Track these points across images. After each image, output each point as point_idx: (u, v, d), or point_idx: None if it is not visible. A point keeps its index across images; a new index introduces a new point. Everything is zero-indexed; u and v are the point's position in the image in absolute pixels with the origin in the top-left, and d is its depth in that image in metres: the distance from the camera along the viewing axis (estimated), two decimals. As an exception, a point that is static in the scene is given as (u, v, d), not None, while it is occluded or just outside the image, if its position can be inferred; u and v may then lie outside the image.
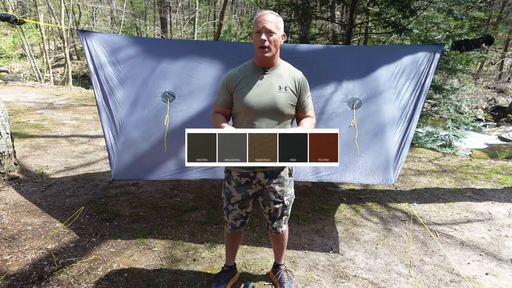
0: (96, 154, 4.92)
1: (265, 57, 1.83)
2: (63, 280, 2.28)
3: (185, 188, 3.87)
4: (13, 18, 3.07)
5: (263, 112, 1.87)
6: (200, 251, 2.69)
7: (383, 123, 2.93)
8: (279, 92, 1.88)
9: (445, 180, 4.49)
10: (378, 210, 3.55)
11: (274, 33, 1.80)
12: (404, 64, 3.04)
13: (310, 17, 7.06)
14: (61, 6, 14.27)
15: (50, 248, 2.63)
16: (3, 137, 3.77)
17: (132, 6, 24.75)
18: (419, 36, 5.85)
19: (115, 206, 3.36)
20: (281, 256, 2.33)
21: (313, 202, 3.64)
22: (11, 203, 3.31)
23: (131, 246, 2.71)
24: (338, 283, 2.38)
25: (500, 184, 4.36)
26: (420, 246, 2.90)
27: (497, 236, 3.10)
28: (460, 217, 3.46)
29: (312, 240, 2.92)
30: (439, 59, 3.07)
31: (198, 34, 19.91)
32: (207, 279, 2.36)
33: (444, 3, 5.51)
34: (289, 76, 1.93)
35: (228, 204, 2.08)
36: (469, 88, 7.52)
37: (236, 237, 2.22)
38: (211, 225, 3.09)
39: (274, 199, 2.03)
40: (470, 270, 2.59)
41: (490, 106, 14.86)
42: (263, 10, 1.87)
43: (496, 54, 18.03)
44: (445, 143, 7.02)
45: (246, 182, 2.00)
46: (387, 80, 3.01)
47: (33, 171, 4.14)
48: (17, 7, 20.39)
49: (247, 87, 1.89)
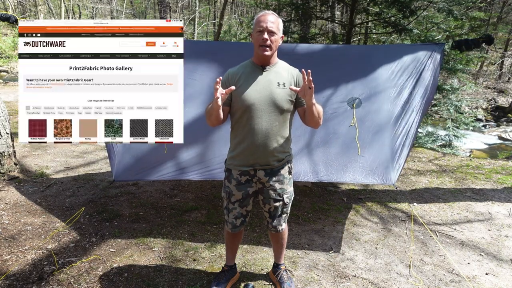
0: (96, 154, 4.92)
1: (264, 55, 1.86)
2: (63, 280, 2.28)
3: (185, 188, 3.87)
4: (13, 18, 3.08)
5: (262, 108, 1.89)
6: (200, 251, 2.70)
7: (384, 122, 2.92)
8: (278, 88, 1.91)
9: (445, 180, 4.49)
10: (378, 210, 3.55)
11: (276, 34, 1.86)
12: (404, 62, 3.04)
13: (310, 17, 7.06)
14: (61, 6, 14.28)
15: (50, 248, 2.63)
16: (3, 137, 3.77)
17: (132, 6, 24.76)
18: (419, 36, 5.86)
19: (115, 206, 3.36)
20: (281, 256, 2.33)
21: (313, 202, 3.64)
22: (11, 203, 3.31)
23: (131, 246, 2.71)
24: (338, 283, 2.38)
25: (500, 184, 4.36)
26: (420, 246, 2.90)
27: (497, 236, 3.10)
28: (460, 217, 3.47)
29: (312, 240, 2.92)
30: (441, 59, 3.07)
31: (198, 34, 19.91)
32: (207, 279, 2.36)
33: (444, 3, 5.51)
34: (286, 73, 1.96)
35: (228, 203, 2.09)
36: (469, 88, 7.53)
37: (236, 236, 2.23)
38: (211, 225, 3.09)
39: (274, 197, 2.03)
40: (470, 270, 2.59)
41: (490, 106, 14.86)
42: (265, 10, 1.91)
43: (496, 54, 18.03)
44: (445, 143, 7.02)
45: (246, 181, 2.01)
46: (387, 79, 3.01)
47: (33, 171, 4.14)
48: (17, 7, 20.40)
49: (246, 84, 1.91)
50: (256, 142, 1.92)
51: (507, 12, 18.14)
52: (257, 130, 1.90)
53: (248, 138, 1.93)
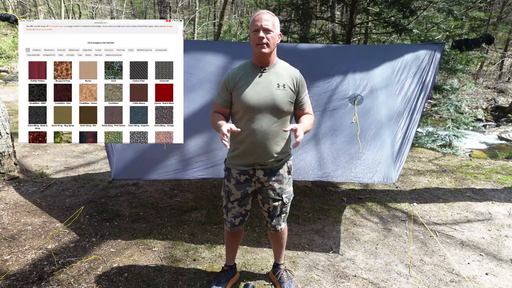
0: (96, 154, 4.92)
1: (262, 53, 1.85)
2: (63, 280, 2.28)
3: (185, 188, 3.87)
4: (13, 18, 3.08)
5: (262, 109, 1.89)
6: (200, 251, 2.70)
7: (385, 119, 2.92)
8: (278, 89, 1.90)
9: (445, 180, 4.49)
10: (378, 210, 3.55)
11: (272, 31, 1.84)
12: (406, 60, 3.05)
13: (310, 17, 7.07)
14: (61, 6, 14.28)
15: (50, 248, 2.63)
16: (3, 137, 3.77)
17: (132, 6, 24.77)
18: (419, 36, 5.86)
19: (115, 206, 3.36)
20: (281, 256, 2.33)
21: (313, 202, 3.64)
22: (11, 203, 3.31)
23: (131, 246, 2.71)
24: (338, 283, 2.38)
25: (500, 184, 4.36)
26: (420, 246, 2.90)
27: (497, 236, 3.10)
28: (460, 217, 3.47)
29: (312, 240, 2.92)
30: (440, 59, 3.07)
31: (198, 34, 19.91)
32: (207, 279, 2.36)
33: (444, 3, 5.51)
34: (287, 74, 1.96)
35: (227, 202, 2.09)
36: (469, 88, 7.53)
37: (236, 235, 2.23)
38: (211, 225, 3.09)
39: (273, 196, 2.04)
40: (470, 270, 2.59)
41: (490, 106, 14.85)
42: (260, 10, 1.91)
43: (496, 54, 18.02)
44: (445, 143, 7.02)
45: (246, 180, 2.02)
46: (389, 76, 3.01)
47: (33, 171, 4.14)
48: (17, 7, 20.40)
49: (246, 86, 1.91)
50: (255, 142, 1.92)
51: (507, 12, 18.13)
52: (257, 131, 1.91)
53: (248, 139, 1.93)
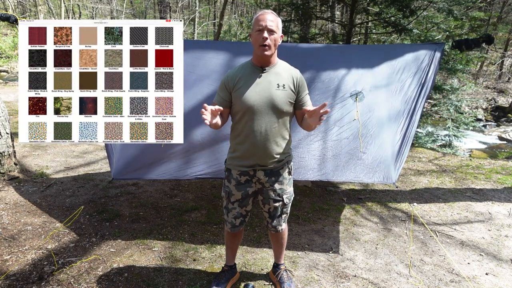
0: (96, 154, 4.92)
1: (264, 55, 1.84)
2: (63, 280, 2.28)
3: (185, 188, 3.87)
4: (13, 18, 3.08)
5: (262, 110, 1.89)
6: (200, 251, 2.70)
7: (385, 118, 2.92)
8: (278, 90, 1.90)
9: (445, 180, 4.49)
10: (378, 210, 3.55)
11: (275, 32, 1.84)
12: (406, 60, 3.05)
13: (310, 17, 7.07)
14: (61, 6, 14.28)
15: (50, 248, 2.63)
16: (3, 137, 3.77)
17: (132, 6, 24.77)
18: (419, 36, 5.86)
19: (115, 206, 3.36)
20: (281, 256, 2.33)
21: (313, 202, 3.64)
22: (11, 203, 3.31)
23: (131, 246, 2.71)
24: (338, 283, 2.38)
25: (500, 184, 4.36)
26: (420, 246, 2.90)
27: (497, 236, 3.10)
28: (460, 217, 3.47)
29: (312, 240, 2.92)
30: (440, 59, 3.07)
31: (198, 34, 19.91)
32: (207, 279, 2.36)
33: (444, 3, 5.51)
34: (287, 74, 1.95)
35: (228, 203, 2.09)
36: (469, 88, 7.53)
37: (236, 236, 2.23)
38: (211, 225, 3.09)
39: (274, 197, 2.03)
40: (470, 270, 2.59)
41: (490, 106, 14.85)
42: (263, 10, 1.90)
43: (496, 54, 18.03)
44: (445, 143, 7.01)
45: (246, 181, 2.01)
46: (390, 75, 3.01)
47: (33, 171, 4.14)
48: (17, 7, 20.41)
49: (245, 86, 1.90)
50: (256, 143, 1.92)
51: (507, 12, 18.13)
52: (257, 131, 1.90)
53: (248, 140, 1.93)
